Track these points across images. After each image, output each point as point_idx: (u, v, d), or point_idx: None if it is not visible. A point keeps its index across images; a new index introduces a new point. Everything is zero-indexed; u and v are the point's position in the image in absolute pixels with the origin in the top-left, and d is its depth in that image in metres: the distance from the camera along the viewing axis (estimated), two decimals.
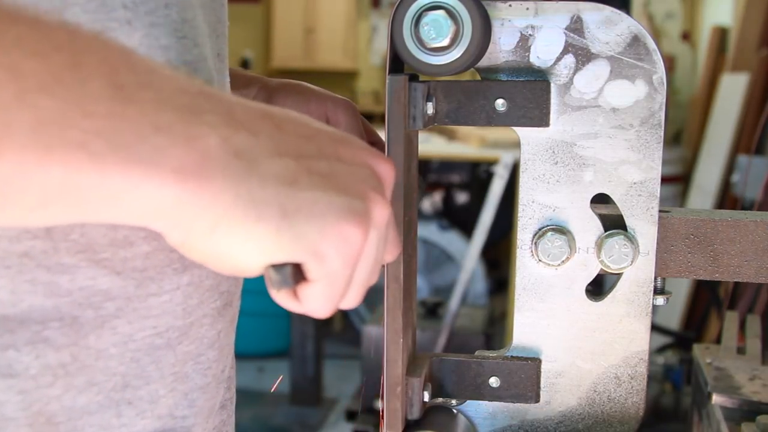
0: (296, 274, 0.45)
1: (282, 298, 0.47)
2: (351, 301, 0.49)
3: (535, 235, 0.67)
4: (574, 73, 0.64)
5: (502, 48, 0.64)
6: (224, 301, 0.61)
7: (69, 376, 0.51)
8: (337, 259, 0.45)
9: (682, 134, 4.78)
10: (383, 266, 0.61)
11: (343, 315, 4.39)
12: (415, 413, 0.65)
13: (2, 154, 0.35)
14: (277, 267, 0.45)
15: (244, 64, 7.48)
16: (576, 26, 0.63)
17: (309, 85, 0.79)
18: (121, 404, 0.54)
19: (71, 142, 0.37)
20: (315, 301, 0.47)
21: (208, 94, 0.43)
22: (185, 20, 0.54)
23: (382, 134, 0.61)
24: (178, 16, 0.53)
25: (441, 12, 0.59)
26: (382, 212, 0.48)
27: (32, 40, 0.36)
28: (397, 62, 0.62)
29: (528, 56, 0.64)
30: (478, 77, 0.65)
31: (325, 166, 0.46)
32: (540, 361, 0.69)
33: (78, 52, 0.38)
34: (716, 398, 0.86)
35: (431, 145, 4.18)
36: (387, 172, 0.50)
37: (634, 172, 0.65)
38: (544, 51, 0.64)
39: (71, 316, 0.51)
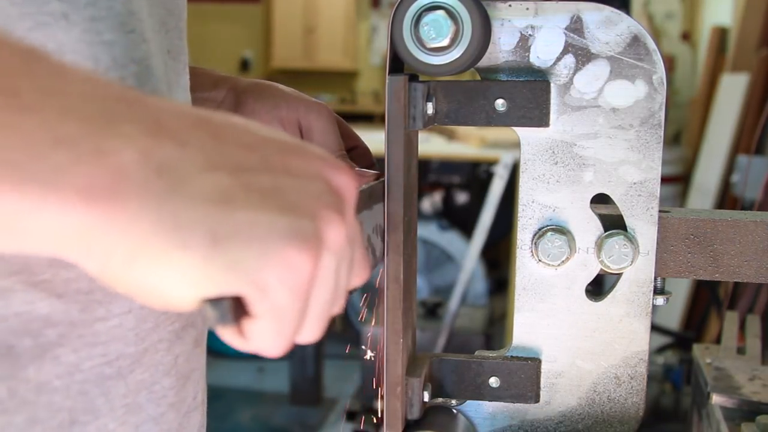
0: (237, 308, 0.39)
1: (226, 335, 0.40)
2: (309, 335, 0.43)
3: (535, 235, 0.67)
4: (574, 73, 0.64)
5: (502, 48, 0.64)
6: (184, 323, 0.56)
7: (7, 413, 0.46)
8: (283, 291, 0.39)
9: (682, 134, 4.78)
10: (383, 266, 0.61)
11: (343, 315, 4.39)
12: (415, 413, 0.65)
13: None
14: (215, 301, 0.38)
15: (244, 64, 7.48)
16: (576, 26, 0.63)
17: (281, 87, 0.73)
18: None
19: None
20: (262, 338, 0.40)
21: (129, 99, 0.37)
22: (132, 12, 0.49)
23: (382, 134, 0.61)
24: (123, 8, 0.48)
25: (441, 12, 0.59)
26: (337, 233, 0.41)
27: None
28: (397, 62, 0.62)
29: (528, 56, 0.64)
30: (478, 77, 0.65)
31: (268, 181, 0.39)
32: (540, 361, 0.69)
33: None
34: (716, 398, 0.86)
35: (431, 145, 4.18)
36: (346, 185, 0.43)
37: (634, 172, 0.65)
38: (544, 51, 0.64)
39: (6, 345, 0.45)
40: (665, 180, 1.29)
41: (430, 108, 0.62)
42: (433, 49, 0.60)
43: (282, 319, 0.39)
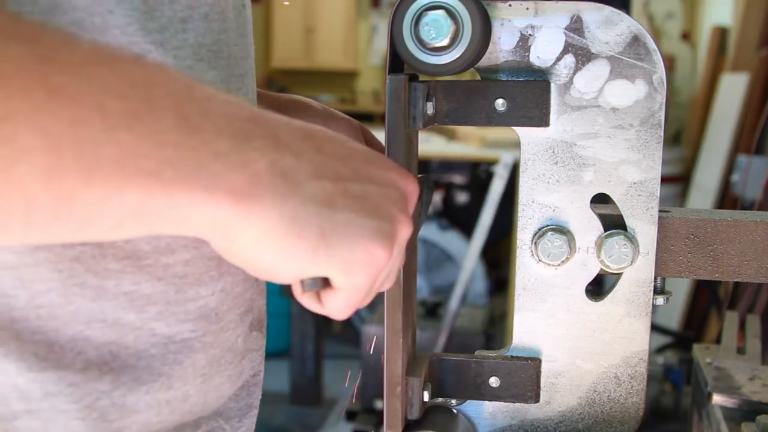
0: (324, 279, 0.50)
1: (306, 299, 0.52)
2: (366, 303, 0.54)
3: (535, 235, 0.67)
4: (574, 73, 0.64)
5: (502, 48, 0.64)
6: (246, 307, 0.64)
7: (112, 372, 0.54)
8: (363, 275, 0.50)
9: (682, 134, 4.78)
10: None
11: None
12: (414, 413, 0.65)
13: (91, 184, 0.40)
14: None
15: None
16: (576, 26, 0.63)
17: (311, 102, 0.81)
18: (162, 404, 0.57)
19: (145, 172, 0.41)
20: (337, 305, 0.52)
21: (256, 118, 0.47)
22: (215, 42, 0.58)
23: (382, 134, 0.61)
24: (202, 39, 0.56)
25: (441, 12, 0.59)
26: (406, 232, 0.52)
27: (113, 80, 0.41)
28: (397, 62, 0.62)
29: (528, 56, 0.64)
30: (478, 77, 0.65)
31: (359, 189, 0.50)
32: (540, 361, 0.69)
33: (150, 87, 0.42)
34: (716, 398, 0.86)
35: (431, 145, 4.18)
36: (413, 191, 0.54)
37: (634, 172, 0.65)
38: (544, 51, 0.64)
39: (113, 318, 0.54)
40: (665, 180, 1.29)
41: (430, 108, 0.62)
42: (433, 48, 0.60)
43: (357, 294, 0.51)
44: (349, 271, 0.49)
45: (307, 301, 0.52)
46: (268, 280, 0.50)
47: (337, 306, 0.52)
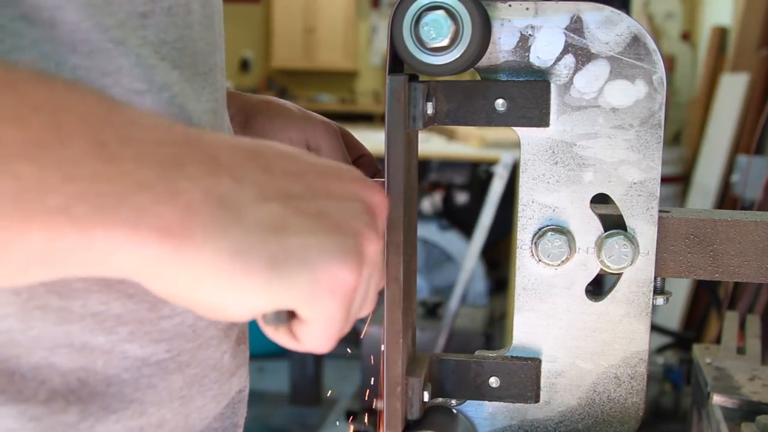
0: (290, 312, 0.45)
1: (279, 337, 0.46)
2: (346, 330, 0.49)
3: (535, 235, 0.67)
4: (574, 73, 0.64)
5: (502, 48, 0.64)
6: (230, 321, 0.60)
7: (81, 402, 0.50)
8: (332, 302, 0.44)
9: (682, 134, 4.78)
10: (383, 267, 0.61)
11: None
12: (414, 413, 0.65)
13: None
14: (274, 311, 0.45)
15: (244, 64, 7.48)
16: (576, 26, 0.63)
17: (288, 105, 0.76)
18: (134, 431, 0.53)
19: (52, 208, 0.36)
20: (312, 339, 0.46)
21: (190, 140, 0.41)
22: (177, 39, 0.53)
23: (382, 134, 0.61)
24: (165, 36, 0.52)
25: (441, 12, 0.59)
26: (375, 249, 0.46)
27: (11, 104, 0.35)
28: (397, 62, 0.62)
29: (528, 56, 0.64)
30: (478, 77, 0.65)
31: (314, 206, 0.44)
32: (540, 361, 0.69)
33: (57, 110, 0.37)
34: (716, 398, 0.85)
35: (431, 145, 4.18)
36: (380, 203, 0.49)
37: (634, 172, 0.65)
38: (544, 51, 0.64)
39: (81, 341, 0.49)
40: (665, 180, 1.29)
41: (430, 108, 0.62)
42: (433, 49, 0.60)
43: (331, 324, 0.45)
44: (313, 300, 0.43)
45: (280, 338, 0.46)
46: (222, 320, 0.45)
47: (312, 340, 0.46)
